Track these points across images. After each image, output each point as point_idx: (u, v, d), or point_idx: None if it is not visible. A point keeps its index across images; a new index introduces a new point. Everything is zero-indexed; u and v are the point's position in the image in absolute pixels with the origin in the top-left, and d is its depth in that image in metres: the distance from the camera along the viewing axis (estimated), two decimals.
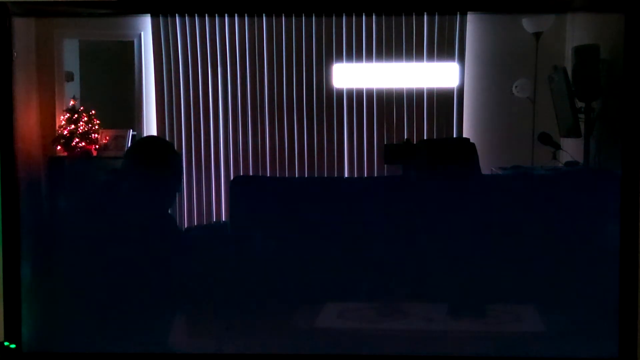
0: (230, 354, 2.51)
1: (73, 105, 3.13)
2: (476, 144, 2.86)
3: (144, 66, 3.20)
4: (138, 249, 2.54)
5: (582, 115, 2.93)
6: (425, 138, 3.08)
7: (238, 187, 2.98)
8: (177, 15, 3.14)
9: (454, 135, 3.07)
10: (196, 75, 3.17)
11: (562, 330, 2.48)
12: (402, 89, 3.12)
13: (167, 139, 3.18)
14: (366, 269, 2.67)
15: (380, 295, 2.66)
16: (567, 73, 2.94)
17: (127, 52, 3.22)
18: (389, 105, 3.13)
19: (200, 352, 2.51)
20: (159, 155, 2.51)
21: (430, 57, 3.13)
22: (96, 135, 3.12)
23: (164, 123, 3.19)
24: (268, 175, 3.10)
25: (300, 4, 2.85)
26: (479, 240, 2.63)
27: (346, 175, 3.11)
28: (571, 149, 2.95)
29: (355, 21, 3.12)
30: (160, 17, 3.13)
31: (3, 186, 2.30)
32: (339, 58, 3.12)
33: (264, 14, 3.10)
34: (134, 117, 3.23)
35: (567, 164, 2.95)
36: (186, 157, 3.17)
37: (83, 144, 3.08)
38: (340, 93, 3.13)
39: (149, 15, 3.11)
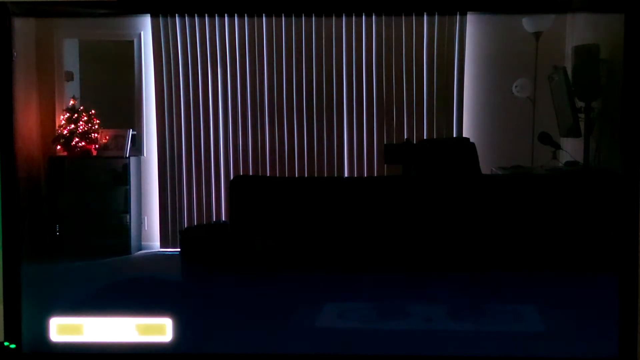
0: (230, 353, 2.51)
1: (73, 105, 3.13)
2: (476, 144, 2.86)
3: (144, 66, 3.20)
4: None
5: (582, 115, 2.93)
6: (425, 138, 3.07)
7: (238, 187, 2.98)
8: (177, 15, 3.14)
9: (454, 135, 3.07)
10: (196, 75, 3.17)
11: (562, 330, 2.48)
12: (402, 88, 3.12)
13: (167, 138, 3.18)
14: (366, 269, 2.68)
15: (380, 295, 2.66)
16: (567, 73, 2.94)
17: (127, 52, 3.21)
18: (389, 105, 3.13)
19: (201, 352, 2.51)
20: None
21: (430, 57, 3.13)
22: (96, 135, 3.12)
23: (164, 123, 3.19)
24: (268, 175, 3.10)
25: (300, 4, 2.85)
26: (479, 240, 2.64)
27: (346, 175, 3.10)
28: (571, 149, 2.95)
29: (355, 21, 3.12)
30: (160, 17, 3.13)
31: (3, 186, 2.30)
32: (339, 58, 3.12)
33: (264, 14, 3.10)
34: (134, 117, 3.22)
35: (567, 163, 2.95)
36: (186, 157, 3.17)
37: (83, 143, 3.08)
38: (340, 93, 3.13)
39: (149, 15, 3.11)
